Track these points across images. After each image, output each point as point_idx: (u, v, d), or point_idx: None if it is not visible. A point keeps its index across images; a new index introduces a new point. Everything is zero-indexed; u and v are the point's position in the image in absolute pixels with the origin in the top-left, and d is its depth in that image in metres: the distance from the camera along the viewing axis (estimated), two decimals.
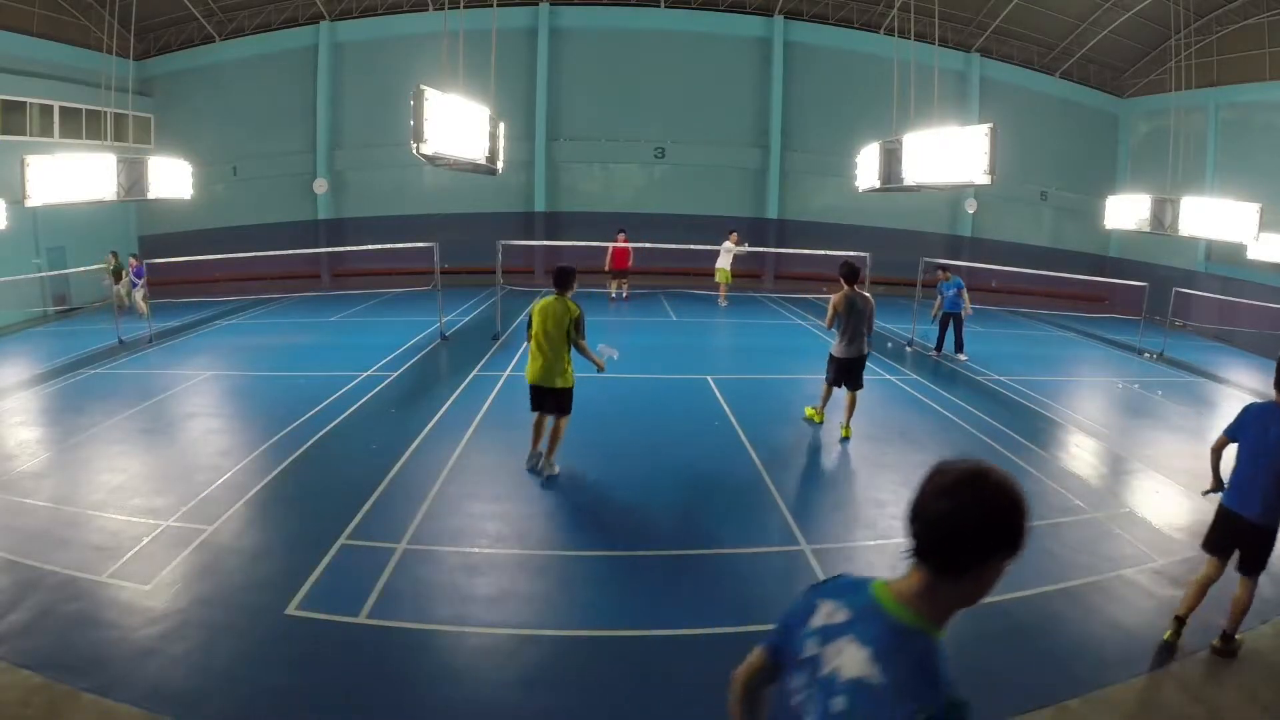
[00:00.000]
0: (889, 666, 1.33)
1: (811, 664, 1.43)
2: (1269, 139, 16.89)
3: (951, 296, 11.80)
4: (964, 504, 1.33)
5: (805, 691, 1.43)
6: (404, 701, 3.58)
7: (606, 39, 19.76)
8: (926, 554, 1.38)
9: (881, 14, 19.19)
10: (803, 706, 1.42)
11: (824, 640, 1.44)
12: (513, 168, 17.04)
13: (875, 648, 1.36)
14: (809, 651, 1.45)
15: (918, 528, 1.39)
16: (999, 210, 20.92)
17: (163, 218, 18.89)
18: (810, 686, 1.42)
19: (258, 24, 19.40)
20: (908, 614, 1.39)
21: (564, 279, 6.20)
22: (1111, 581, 4.86)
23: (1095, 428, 8.59)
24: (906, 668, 1.33)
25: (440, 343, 11.86)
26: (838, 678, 1.37)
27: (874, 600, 1.44)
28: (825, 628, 1.45)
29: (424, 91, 7.23)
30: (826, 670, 1.40)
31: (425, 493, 5.94)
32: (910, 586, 1.41)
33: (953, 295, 11.79)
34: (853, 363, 7.39)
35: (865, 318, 7.33)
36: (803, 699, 1.43)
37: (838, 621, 1.44)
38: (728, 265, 16.26)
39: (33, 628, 4.09)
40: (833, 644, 1.42)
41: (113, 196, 9.53)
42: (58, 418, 8.28)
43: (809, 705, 1.41)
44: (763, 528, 5.56)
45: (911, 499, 1.40)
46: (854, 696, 1.33)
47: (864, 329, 7.34)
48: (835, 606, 1.47)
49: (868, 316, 7.35)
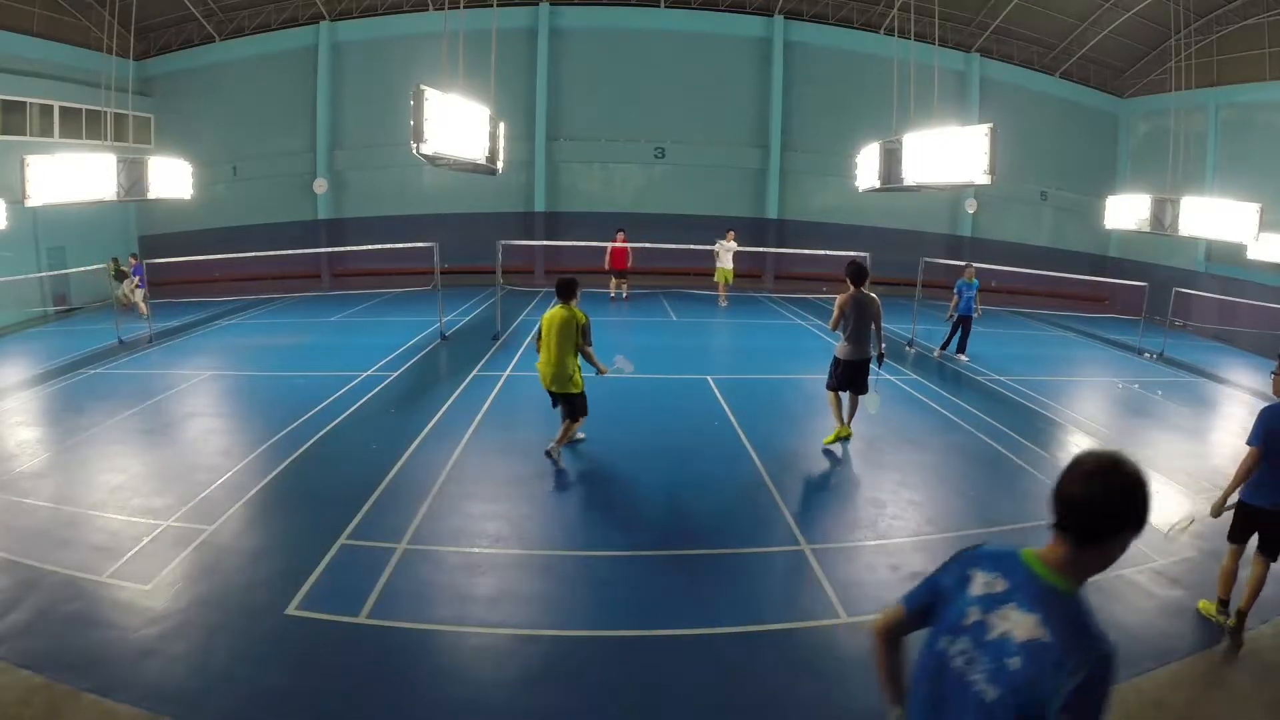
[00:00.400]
0: (1055, 627, 1.57)
1: (976, 629, 1.66)
2: (1269, 139, 16.88)
3: (969, 298, 11.61)
4: (1102, 488, 1.59)
5: (970, 653, 1.66)
6: (404, 701, 3.58)
7: (606, 39, 19.76)
8: (1069, 529, 1.63)
9: (881, 14, 19.19)
10: (968, 666, 1.66)
11: (986, 608, 1.67)
12: (513, 168, 17.02)
13: (1041, 613, 1.60)
14: (971, 618, 1.68)
15: (1061, 507, 1.64)
16: (999, 210, 20.91)
17: (163, 218, 18.88)
18: (977, 649, 1.65)
19: (258, 24, 19.40)
20: (1060, 580, 1.64)
21: (565, 290, 6.51)
22: (1111, 581, 4.85)
23: (1095, 428, 8.59)
24: (1070, 626, 1.58)
25: (440, 343, 11.86)
26: (1010, 640, 1.60)
27: (1030, 571, 1.67)
28: (986, 597, 1.69)
29: (424, 91, 7.23)
30: (995, 634, 1.63)
31: (425, 493, 5.94)
32: (1056, 556, 1.66)
33: (970, 297, 11.61)
34: (858, 365, 7.17)
35: (871, 319, 7.10)
36: (967, 660, 1.66)
37: (998, 591, 1.68)
38: (729, 265, 16.28)
39: (33, 628, 4.09)
40: (997, 611, 1.65)
41: (113, 196, 9.52)
42: (58, 418, 8.28)
43: (976, 665, 1.64)
44: (763, 527, 5.56)
45: (1056, 482, 1.65)
46: (1028, 655, 1.57)
47: (868, 330, 7.11)
48: (992, 577, 1.71)
49: (873, 317, 7.11)
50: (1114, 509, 1.59)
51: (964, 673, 1.66)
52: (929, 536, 5.47)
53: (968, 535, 5.50)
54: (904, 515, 5.82)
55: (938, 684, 1.72)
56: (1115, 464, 1.60)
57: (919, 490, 6.37)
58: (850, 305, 7.04)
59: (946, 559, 1.86)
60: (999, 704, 1.58)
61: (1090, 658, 1.53)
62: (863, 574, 4.95)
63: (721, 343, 13.64)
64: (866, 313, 7.07)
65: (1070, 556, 1.64)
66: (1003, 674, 1.58)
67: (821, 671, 3.91)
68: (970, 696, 1.63)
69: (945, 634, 1.73)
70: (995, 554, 1.76)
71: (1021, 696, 1.56)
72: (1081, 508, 1.61)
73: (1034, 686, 1.54)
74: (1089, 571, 1.65)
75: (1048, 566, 1.66)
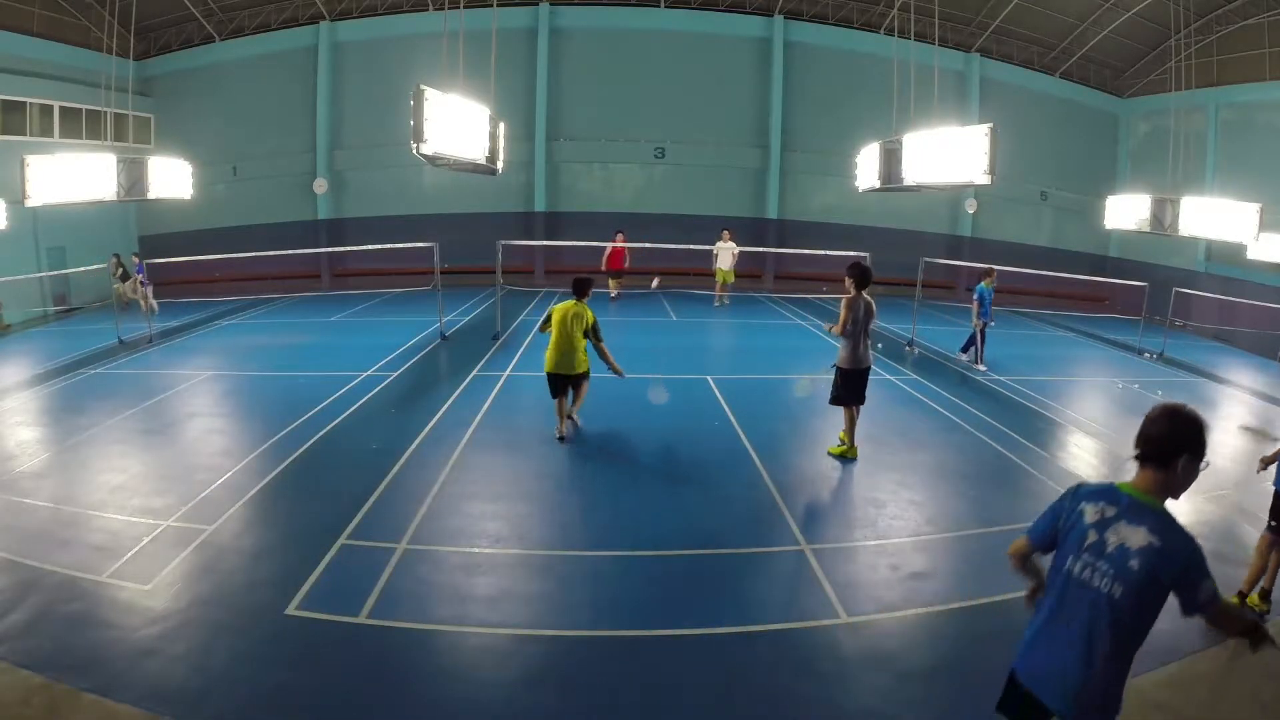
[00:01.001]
0: (1160, 533, 2.20)
1: (1096, 546, 2.29)
2: (1269, 139, 16.88)
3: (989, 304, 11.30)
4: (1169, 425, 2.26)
5: (1093, 565, 2.28)
6: (404, 701, 3.58)
7: (606, 39, 19.75)
8: (1150, 458, 2.28)
9: (881, 14, 19.19)
10: (1091, 575, 2.28)
11: (1101, 529, 2.29)
12: (513, 168, 17.02)
13: (1148, 525, 2.23)
14: (1090, 539, 2.30)
15: (1142, 443, 2.29)
16: (999, 210, 20.91)
17: (163, 218, 18.87)
18: (1098, 560, 2.27)
19: (258, 24, 19.39)
20: (1153, 500, 2.27)
21: (580, 288, 7.26)
22: None
23: (1095, 428, 8.59)
24: (1170, 532, 2.21)
25: (440, 343, 11.86)
26: (1128, 548, 2.22)
27: (1130, 496, 2.30)
28: (1100, 521, 2.31)
29: (424, 91, 7.23)
30: (1112, 547, 2.25)
31: (425, 493, 5.94)
32: (1145, 482, 2.30)
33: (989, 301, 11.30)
34: (862, 375, 6.90)
35: (868, 323, 6.91)
36: (1090, 571, 2.28)
37: (1109, 515, 2.30)
38: (728, 266, 16.28)
39: (33, 628, 4.09)
40: (1110, 530, 2.27)
41: (113, 196, 9.52)
42: (58, 418, 8.27)
43: (1099, 573, 2.26)
44: (763, 527, 5.56)
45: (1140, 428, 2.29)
46: (1144, 557, 2.19)
47: (866, 336, 6.90)
48: (1101, 506, 2.33)
49: (870, 321, 6.93)
50: (1177, 439, 2.22)
51: (1088, 581, 2.28)
52: (929, 536, 5.47)
53: (968, 535, 5.50)
54: (904, 515, 5.82)
55: (1063, 593, 2.35)
56: (1176, 409, 2.27)
57: (919, 490, 6.38)
58: (858, 309, 6.78)
59: (1058, 499, 2.47)
60: (1124, 598, 2.21)
61: (1188, 549, 2.18)
62: (863, 574, 4.95)
63: (721, 343, 13.64)
64: (867, 317, 6.87)
65: (1154, 480, 2.27)
66: (1126, 574, 2.21)
67: (821, 671, 3.91)
68: (1094, 596, 2.26)
69: (1070, 555, 2.35)
70: (1099, 489, 2.38)
71: (1143, 589, 2.19)
72: (1154, 440, 2.25)
73: (1153, 579, 2.18)
74: (1170, 491, 2.27)
75: (1141, 490, 2.29)
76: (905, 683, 3.82)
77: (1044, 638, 2.40)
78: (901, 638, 4.26)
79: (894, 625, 4.34)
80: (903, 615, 4.44)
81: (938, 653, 4.13)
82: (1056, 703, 2.34)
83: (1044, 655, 2.39)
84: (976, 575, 4.89)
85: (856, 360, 6.84)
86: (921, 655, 4.11)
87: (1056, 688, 2.33)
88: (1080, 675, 2.27)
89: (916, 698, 3.72)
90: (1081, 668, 2.27)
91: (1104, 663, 2.25)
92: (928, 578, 4.86)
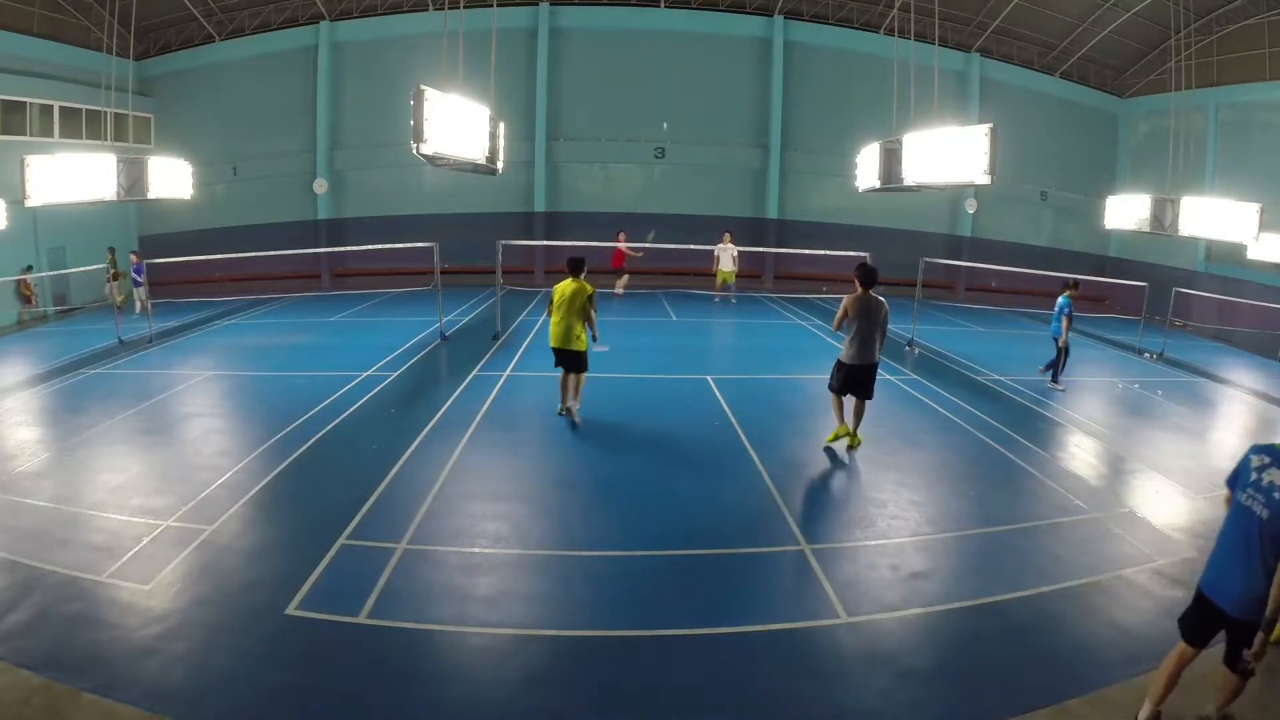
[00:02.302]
0: None
1: (1256, 484, 3.18)
2: (1269, 139, 16.88)
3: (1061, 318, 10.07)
4: None
5: (1254, 497, 3.15)
6: (404, 701, 3.58)
7: (606, 39, 19.75)
8: None
9: (881, 14, 19.19)
10: (1252, 503, 3.15)
11: (1260, 473, 3.18)
12: (513, 168, 17.00)
13: None
14: (1252, 479, 3.20)
15: None
16: (999, 210, 20.91)
17: (163, 218, 18.87)
18: (1258, 493, 3.15)
19: (258, 24, 19.39)
20: None
21: (576, 265, 7.69)
22: (1112, 581, 4.86)
23: (1095, 428, 8.59)
24: None
25: (440, 343, 11.86)
26: (1275, 485, 3.10)
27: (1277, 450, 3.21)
28: (1260, 467, 3.20)
29: (424, 91, 7.22)
30: (1265, 484, 3.14)
31: (425, 493, 5.94)
32: None
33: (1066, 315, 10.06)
34: (862, 370, 6.92)
35: (878, 323, 6.84)
36: (1251, 500, 3.16)
37: (1265, 463, 3.20)
38: (728, 267, 16.28)
39: (33, 628, 4.09)
40: (1266, 473, 3.16)
41: (113, 196, 9.51)
42: (58, 418, 8.26)
43: (1257, 502, 3.14)
44: (763, 527, 5.55)
45: None
46: None
47: (876, 335, 6.89)
48: (1261, 459, 3.22)
49: (881, 322, 6.84)
50: None
51: (1250, 507, 3.16)
52: (929, 536, 5.47)
53: (968, 535, 5.50)
54: (904, 515, 5.82)
55: (1235, 517, 3.25)
56: None
57: (919, 490, 6.37)
58: (856, 307, 6.83)
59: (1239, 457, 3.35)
60: (1271, 519, 3.06)
61: None
62: (863, 574, 4.95)
63: (722, 343, 13.64)
64: (874, 316, 6.84)
65: None
66: (1273, 502, 3.07)
67: (821, 671, 3.91)
68: (1253, 517, 3.13)
69: (1241, 491, 3.24)
70: (1264, 446, 3.28)
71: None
72: None
73: None
74: None
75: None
76: (905, 683, 3.82)
77: (1220, 553, 3.29)
78: (901, 638, 4.26)
79: (894, 625, 4.34)
80: (903, 615, 4.44)
81: (938, 653, 4.13)
82: (1227, 603, 3.17)
83: (1219, 567, 3.27)
84: (976, 575, 4.89)
85: (853, 357, 6.92)
86: (921, 655, 4.11)
87: (1226, 589, 3.19)
88: (1242, 579, 3.12)
89: (916, 698, 3.72)
90: (1244, 574, 3.11)
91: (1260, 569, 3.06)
92: (928, 578, 4.86)
